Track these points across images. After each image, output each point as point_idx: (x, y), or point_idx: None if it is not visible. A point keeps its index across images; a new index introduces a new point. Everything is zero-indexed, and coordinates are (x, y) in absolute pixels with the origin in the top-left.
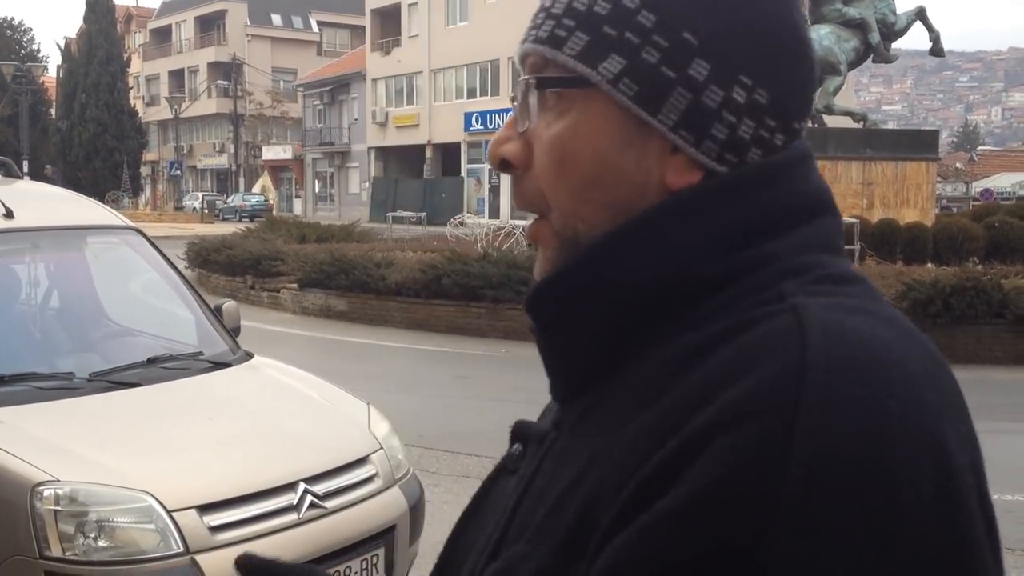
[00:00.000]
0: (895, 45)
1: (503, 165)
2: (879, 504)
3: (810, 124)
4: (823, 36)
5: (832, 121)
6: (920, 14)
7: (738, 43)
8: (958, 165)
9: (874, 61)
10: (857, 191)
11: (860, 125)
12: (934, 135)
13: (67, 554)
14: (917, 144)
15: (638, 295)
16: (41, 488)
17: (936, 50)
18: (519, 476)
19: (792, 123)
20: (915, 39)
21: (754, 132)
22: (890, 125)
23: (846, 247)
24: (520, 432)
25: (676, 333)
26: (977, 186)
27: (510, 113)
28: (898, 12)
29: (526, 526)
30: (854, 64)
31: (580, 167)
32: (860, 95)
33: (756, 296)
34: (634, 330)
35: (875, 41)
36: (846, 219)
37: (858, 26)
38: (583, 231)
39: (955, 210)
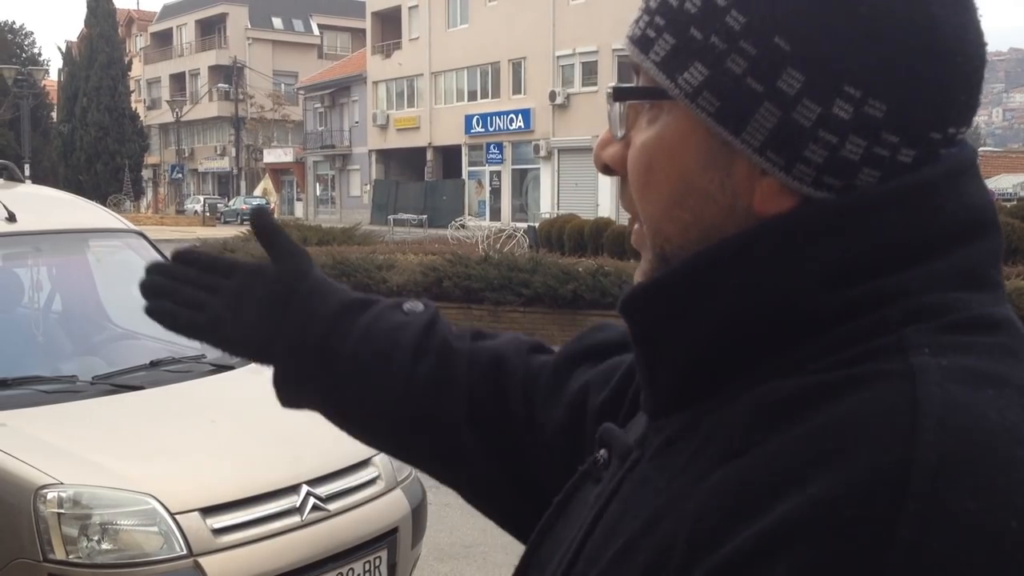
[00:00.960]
0: None
1: (607, 169)
2: None
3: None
4: None
5: None
6: None
7: (843, 47)
8: None
9: None
10: None
11: None
12: None
13: (71, 557)
14: None
15: (730, 322)
16: (45, 491)
17: None
18: (598, 491)
19: (928, 134)
20: None
21: (866, 151)
22: None
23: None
24: (606, 437)
25: (774, 372)
26: None
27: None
28: None
29: (595, 562)
30: None
31: (665, 182)
32: None
33: (870, 342)
34: (729, 358)
35: None
36: None
37: None
38: (669, 250)
39: None
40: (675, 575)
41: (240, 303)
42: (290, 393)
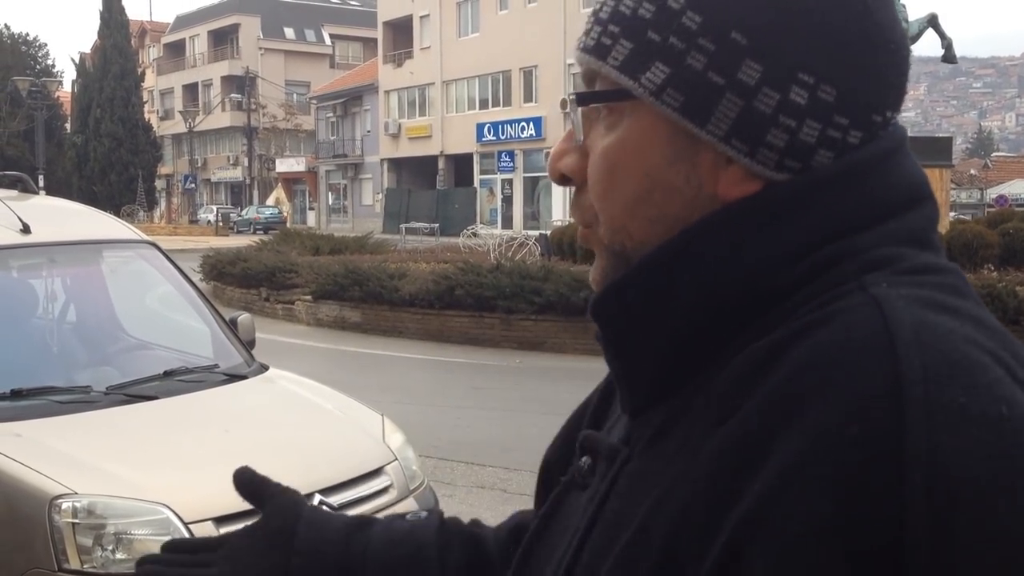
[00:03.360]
0: None
1: (563, 179)
2: (1016, 527)
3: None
4: None
5: None
6: (932, 21)
7: (794, 37)
8: (972, 171)
9: None
10: None
11: None
12: (948, 142)
13: (85, 566)
14: (931, 151)
15: (698, 309)
16: (59, 501)
17: (948, 56)
18: (589, 495)
19: (871, 116)
20: (928, 46)
21: (821, 134)
22: None
23: None
24: (589, 445)
25: (750, 340)
26: (992, 192)
27: (558, 128)
28: (910, 19)
29: (604, 553)
30: None
31: (629, 182)
32: None
33: (833, 291)
34: (702, 342)
35: None
36: None
37: None
38: (631, 246)
39: (969, 217)
40: (698, 542)
41: (239, 559)
42: None
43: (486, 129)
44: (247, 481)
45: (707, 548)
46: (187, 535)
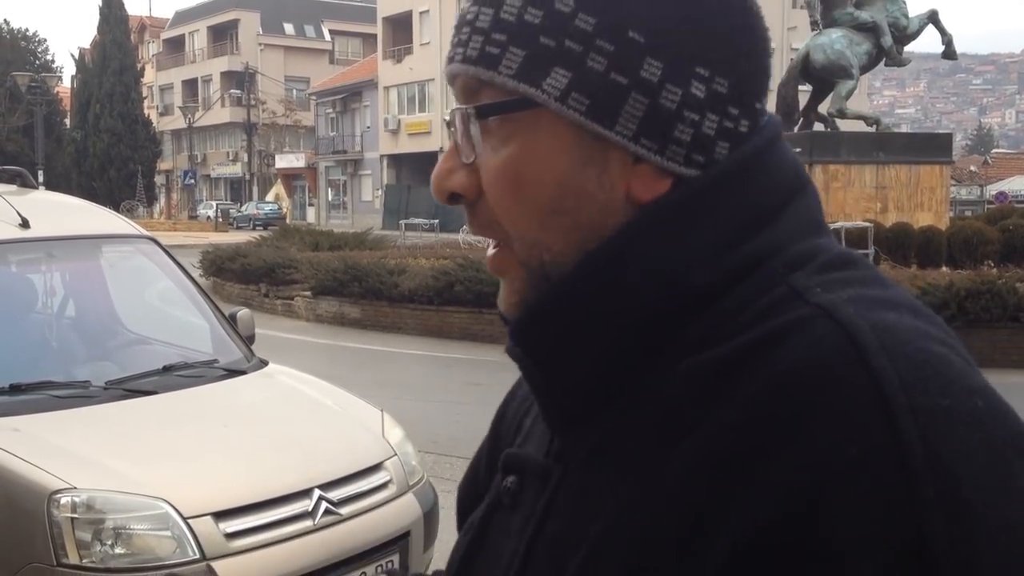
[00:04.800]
0: (908, 48)
1: (452, 198)
2: (1019, 512)
3: (823, 128)
4: (835, 40)
5: (845, 125)
6: (932, 17)
7: (688, 33)
8: (972, 168)
9: (887, 65)
10: (871, 195)
11: (873, 129)
12: (948, 138)
13: (84, 561)
14: (931, 147)
15: (629, 318)
16: (58, 496)
17: (948, 53)
18: (523, 515)
19: (754, 104)
20: (928, 42)
21: (719, 125)
22: (903, 129)
23: (861, 251)
24: (513, 463)
25: (688, 349)
26: (991, 189)
27: (448, 143)
28: (910, 15)
29: (553, 573)
30: (867, 68)
31: (537, 194)
32: (873, 99)
33: (766, 296)
34: (633, 353)
35: (887, 45)
36: (859, 223)
37: (870, 30)
38: (548, 260)
39: (969, 213)
40: (679, 558)
41: None
42: None
43: None
44: None
45: (695, 561)
46: (186, 530)
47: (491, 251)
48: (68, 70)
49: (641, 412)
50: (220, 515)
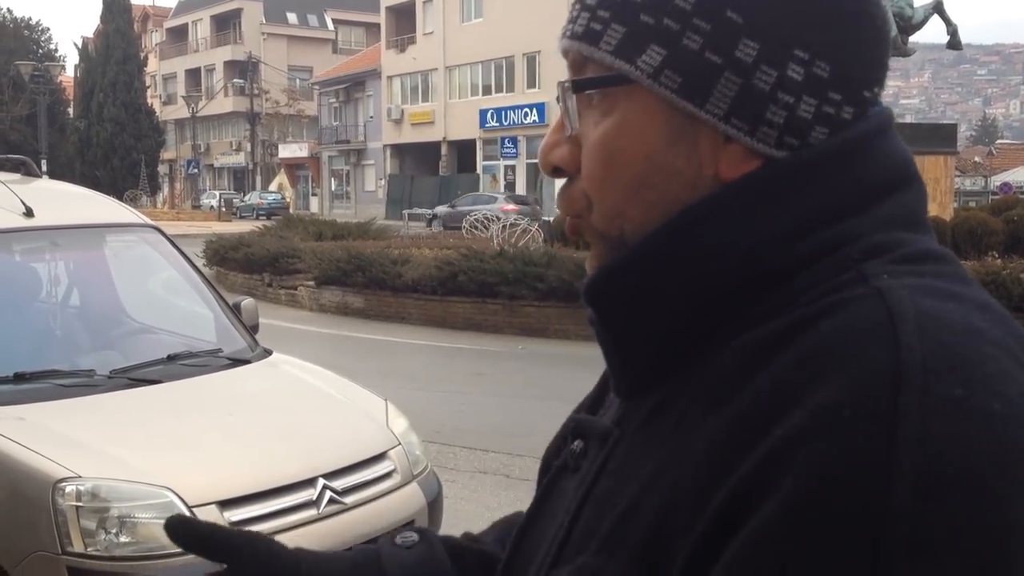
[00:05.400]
0: (912, 39)
1: (556, 172)
2: (994, 522)
3: None
4: None
5: None
6: (937, 7)
7: (788, 14)
8: (977, 159)
9: (891, 55)
10: None
11: None
12: (952, 129)
13: (89, 550)
14: (935, 138)
15: (698, 287)
16: (63, 484)
17: (953, 43)
18: (580, 476)
19: (862, 92)
20: (932, 32)
21: (817, 110)
22: (908, 119)
23: None
24: (580, 428)
25: (749, 326)
26: (996, 180)
27: (556, 116)
28: (915, 5)
29: (592, 533)
30: None
31: (629, 168)
32: None
33: (833, 280)
34: (699, 325)
35: (892, 35)
36: None
37: None
38: (629, 231)
39: (973, 204)
40: (681, 525)
41: None
42: None
43: (489, 115)
44: (191, 536)
45: (694, 521)
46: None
47: (570, 220)
48: (71, 59)
49: (696, 382)
50: (225, 504)
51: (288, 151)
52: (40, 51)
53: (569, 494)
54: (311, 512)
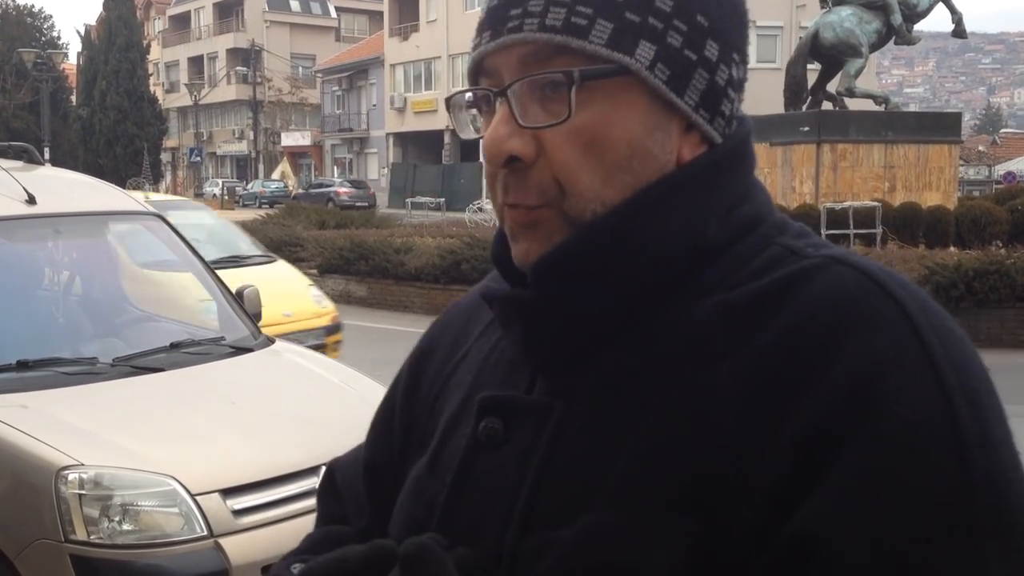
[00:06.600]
0: (917, 27)
1: (510, 161)
2: (1004, 420)
3: (832, 107)
4: (845, 18)
5: (854, 104)
6: None
7: (732, 23)
8: (981, 148)
9: (896, 43)
10: (879, 174)
11: (882, 108)
12: (956, 118)
13: (92, 537)
14: (939, 127)
15: (653, 258)
16: (66, 472)
17: (958, 32)
18: (518, 451)
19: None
20: (937, 21)
21: (736, 104)
22: (912, 108)
23: (869, 231)
24: (494, 406)
25: (707, 291)
26: (1000, 169)
27: (500, 111)
28: None
29: (583, 495)
30: (876, 46)
31: (613, 153)
32: (882, 78)
33: (765, 252)
34: (647, 294)
35: (897, 23)
36: (868, 202)
37: (880, 8)
38: (600, 211)
39: (977, 193)
40: (737, 458)
41: None
42: None
43: None
44: None
45: (754, 459)
46: (194, 507)
47: (518, 210)
48: (74, 47)
49: (661, 343)
50: (228, 492)
51: (291, 139)
52: (43, 39)
53: (506, 471)
54: (314, 500)
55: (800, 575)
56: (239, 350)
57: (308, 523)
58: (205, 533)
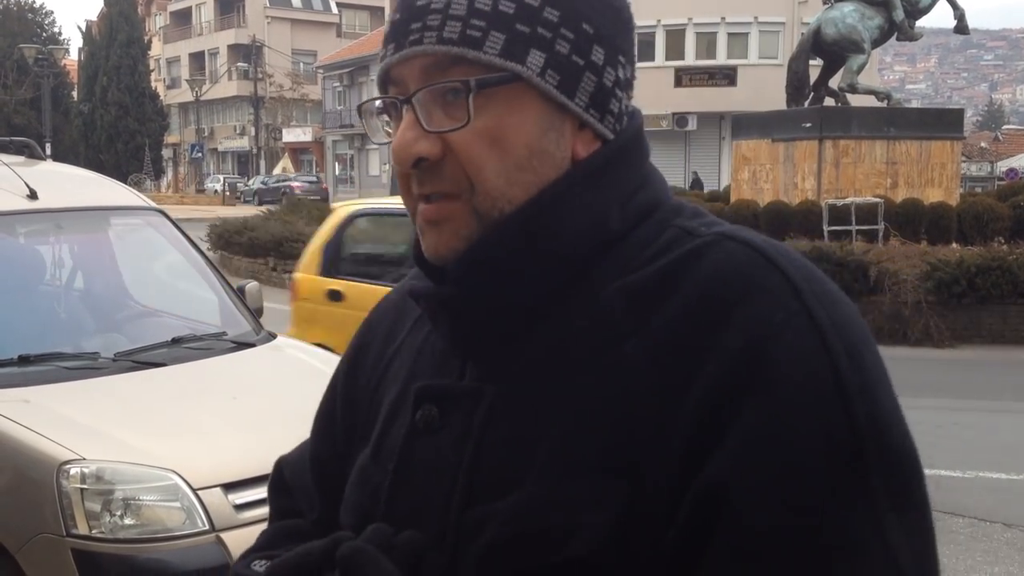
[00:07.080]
0: (919, 23)
1: (419, 162)
2: (883, 370)
3: (834, 103)
4: (847, 14)
5: (856, 100)
6: None
7: (617, 28)
8: (983, 144)
9: (898, 39)
10: (881, 170)
11: (884, 104)
12: (958, 114)
13: (93, 532)
14: (941, 123)
15: (563, 250)
16: (67, 467)
17: (961, 28)
18: (454, 434)
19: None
20: (939, 17)
21: (624, 102)
22: (914, 104)
23: (871, 227)
24: (429, 394)
25: (609, 276)
26: (1002, 165)
27: (405, 117)
28: None
29: (518, 470)
30: (878, 42)
31: (512, 155)
32: (884, 74)
33: (663, 236)
34: (560, 281)
35: (899, 19)
36: (870, 198)
37: (882, 4)
38: (508, 209)
39: (979, 190)
40: (655, 425)
41: None
42: None
43: None
44: None
45: (671, 423)
46: (196, 501)
47: (431, 205)
48: (75, 43)
49: (575, 327)
50: (229, 487)
51: (292, 135)
52: (44, 34)
53: (444, 453)
54: None
55: (709, 523)
56: (241, 345)
57: None
58: (207, 527)
